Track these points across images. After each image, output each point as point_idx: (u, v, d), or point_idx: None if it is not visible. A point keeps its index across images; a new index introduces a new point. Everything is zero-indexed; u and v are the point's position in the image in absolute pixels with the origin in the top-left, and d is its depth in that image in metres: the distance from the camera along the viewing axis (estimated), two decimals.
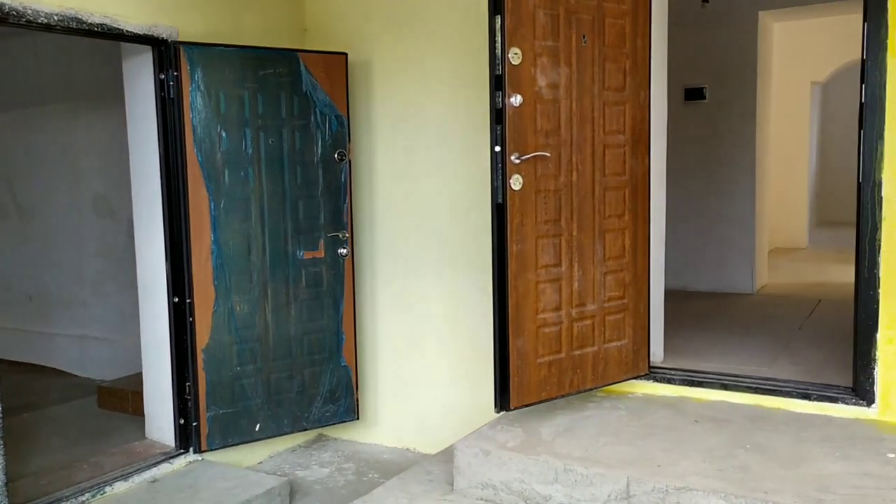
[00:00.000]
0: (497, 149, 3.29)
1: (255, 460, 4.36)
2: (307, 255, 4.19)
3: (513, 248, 3.35)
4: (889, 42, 3.26)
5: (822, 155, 11.12)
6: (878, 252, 3.36)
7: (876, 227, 3.36)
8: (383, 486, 3.41)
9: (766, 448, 3.16)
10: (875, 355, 3.38)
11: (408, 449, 4.55)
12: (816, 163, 10.73)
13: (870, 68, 3.32)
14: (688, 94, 6.40)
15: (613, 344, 3.74)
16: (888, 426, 3.33)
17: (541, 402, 3.52)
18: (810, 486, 2.81)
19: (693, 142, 6.38)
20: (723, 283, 6.44)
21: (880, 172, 3.32)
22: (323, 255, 4.24)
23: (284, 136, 4.08)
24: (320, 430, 4.75)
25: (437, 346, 4.45)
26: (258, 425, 4.08)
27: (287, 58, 4.06)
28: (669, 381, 3.87)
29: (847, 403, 3.47)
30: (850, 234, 3.80)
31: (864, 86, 3.36)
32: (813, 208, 10.34)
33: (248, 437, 4.07)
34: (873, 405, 3.40)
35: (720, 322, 5.31)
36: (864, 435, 3.26)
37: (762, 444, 3.21)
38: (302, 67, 4.09)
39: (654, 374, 3.90)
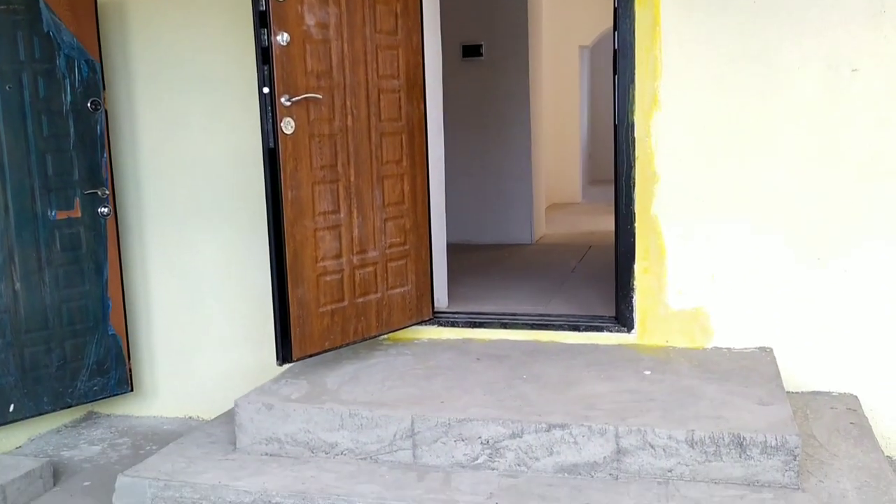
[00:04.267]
0: (265, 90, 3.14)
1: (12, 445, 3.91)
2: (61, 216, 3.78)
3: (287, 194, 3.22)
4: None
5: (593, 119, 11.92)
6: (633, 189, 3.62)
7: (630, 166, 3.61)
8: (158, 454, 3.17)
9: (540, 377, 3.32)
10: (633, 285, 3.66)
11: (191, 418, 4.30)
12: (588, 126, 11.49)
13: (621, 16, 3.54)
14: (465, 51, 6.54)
15: (397, 290, 3.74)
16: (646, 348, 3.63)
17: (325, 351, 3.45)
18: (579, 405, 2.99)
19: (471, 97, 6.54)
20: (504, 235, 6.71)
21: (632, 115, 3.57)
22: (80, 214, 3.85)
23: (25, 82, 3.63)
24: (90, 407, 4.35)
25: (217, 306, 4.22)
26: (12, 406, 3.66)
27: None
28: (453, 325, 3.95)
29: (611, 331, 3.73)
30: None
31: (616, 33, 3.57)
32: (586, 168, 11.08)
33: (1, 420, 3.64)
34: (633, 331, 3.68)
35: (501, 270, 5.52)
36: (626, 358, 3.53)
37: (538, 374, 3.36)
38: (42, 4, 3.64)
39: (438, 318, 3.96)
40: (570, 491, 2.72)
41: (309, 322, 3.35)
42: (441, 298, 4.16)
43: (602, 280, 4.79)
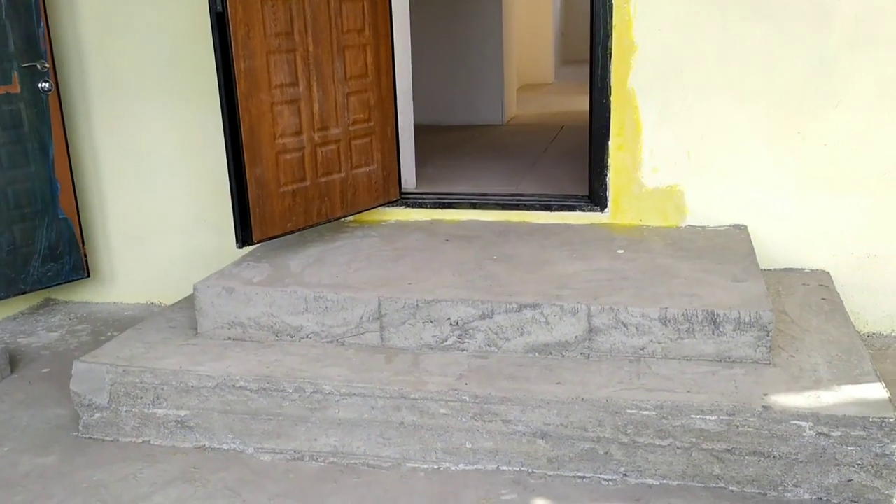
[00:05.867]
0: None
1: None
2: None
3: (240, 64, 2.99)
4: None
5: None
6: (610, 60, 3.43)
7: (607, 36, 3.40)
8: (115, 339, 3.07)
9: (511, 257, 3.23)
10: (607, 162, 3.53)
11: (152, 304, 4.18)
12: (561, 4, 11.03)
13: None
14: None
15: (362, 169, 3.58)
16: (618, 227, 3.54)
17: (287, 233, 3.31)
18: (551, 284, 2.91)
19: None
20: (474, 115, 6.49)
21: None
22: (19, 90, 3.58)
23: None
24: (47, 294, 4.21)
25: (173, 188, 4.02)
26: None
27: None
28: (421, 206, 3.82)
29: (584, 210, 3.62)
30: None
31: None
32: (558, 48, 10.70)
33: None
34: (606, 210, 3.58)
35: (471, 150, 5.35)
36: (599, 237, 3.44)
37: (508, 254, 3.27)
38: None
39: (405, 199, 3.82)
40: (540, 370, 2.68)
41: (269, 203, 3.19)
42: (408, 179, 4.00)
43: (575, 160, 4.65)
